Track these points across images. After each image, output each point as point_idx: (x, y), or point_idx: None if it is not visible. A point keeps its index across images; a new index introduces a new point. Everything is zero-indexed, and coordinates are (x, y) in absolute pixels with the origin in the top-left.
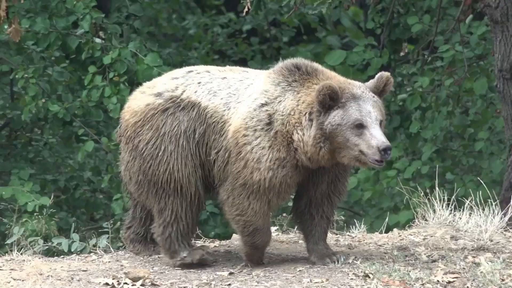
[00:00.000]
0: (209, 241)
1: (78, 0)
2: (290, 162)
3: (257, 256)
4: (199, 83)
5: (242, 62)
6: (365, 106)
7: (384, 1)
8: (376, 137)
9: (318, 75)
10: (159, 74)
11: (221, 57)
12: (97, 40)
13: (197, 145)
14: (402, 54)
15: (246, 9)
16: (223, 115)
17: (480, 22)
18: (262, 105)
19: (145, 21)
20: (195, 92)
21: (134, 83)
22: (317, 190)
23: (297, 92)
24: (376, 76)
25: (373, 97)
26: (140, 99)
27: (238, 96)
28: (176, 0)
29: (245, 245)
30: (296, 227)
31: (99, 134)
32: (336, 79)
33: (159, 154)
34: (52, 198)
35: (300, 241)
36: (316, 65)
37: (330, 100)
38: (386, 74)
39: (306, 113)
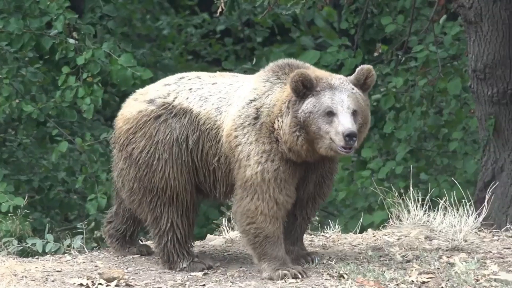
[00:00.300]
0: None
1: (51, 1)
2: (277, 155)
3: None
4: (190, 89)
5: (216, 63)
6: (340, 95)
7: (358, 2)
8: (342, 123)
9: (307, 68)
10: (133, 75)
11: (195, 58)
12: (71, 41)
13: (191, 152)
14: (376, 54)
15: (220, 10)
16: (216, 120)
17: (454, 23)
18: (251, 101)
19: (118, 21)
20: (187, 98)
21: (108, 84)
22: (304, 191)
23: (284, 83)
24: (357, 69)
25: (352, 89)
26: (133, 106)
27: (229, 99)
28: (150, 1)
29: (259, 259)
30: None
31: (73, 135)
32: (319, 71)
33: (154, 163)
34: (26, 198)
35: None
36: (307, 64)
37: (304, 87)
38: (367, 66)
39: (286, 101)
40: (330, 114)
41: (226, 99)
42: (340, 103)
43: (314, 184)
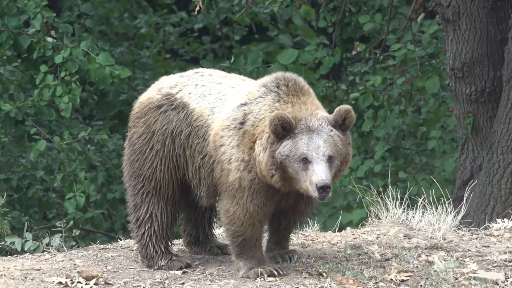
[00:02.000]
0: None
1: None
2: (254, 168)
3: (254, 269)
4: (196, 85)
5: (194, 61)
6: (316, 140)
7: (336, 0)
8: (317, 173)
9: (304, 95)
10: (111, 73)
11: (173, 56)
12: (49, 39)
13: (181, 146)
14: (354, 52)
15: (197, 8)
16: (207, 119)
17: (431, 21)
18: (241, 104)
19: (96, 20)
20: (189, 93)
21: (86, 82)
22: (286, 202)
23: (277, 99)
24: (336, 109)
25: (331, 131)
26: (148, 92)
27: (225, 100)
28: None
29: (236, 257)
30: None
31: (51, 133)
32: (306, 107)
33: (147, 151)
34: (4, 197)
35: None
36: (310, 90)
37: (283, 130)
38: (345, 107)
39: (267, 132)
40: (305, 161)
41: (222, 100)
42: (316, 149)
43: (296, 196)
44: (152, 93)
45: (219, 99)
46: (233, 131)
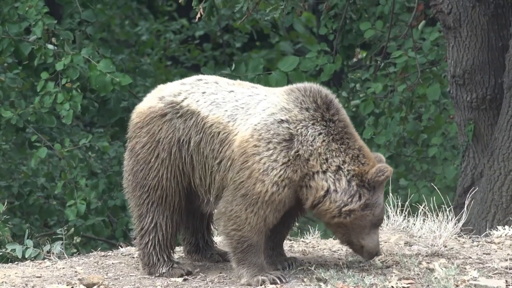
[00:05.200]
0: None
1: (30, 6)
2: (295, 186)
3: (256, 277)
4: (203, 92)
5: (195, 68)
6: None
7: (337, 7)
8: (376, 243)
9: (351, 137)
10: (112, 81)
11: (174, 63)
12: (50, 46)
13: (191, 153)
14: (355, 60)
15: (198, 15)
16: (227, 126)
17: (432, 28)
18: (282, 121)
19: (97, 27)
20: (197, 101)
21: (87, 89)
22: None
23: (326, 133)
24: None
25: None
26: (147, 101)
27: (248, 109)
28: (128, 6)
29: (238, 264)
30: None
31: (52, 140)
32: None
33: (152, 160)
34: (5, 204)
35: None
36: (337, 101)
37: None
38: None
39: (352, 178)
40: (376, 225)
41: (245, 109)
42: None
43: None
44: (153, 102)
45: (239, 107)
46: (275, 146)
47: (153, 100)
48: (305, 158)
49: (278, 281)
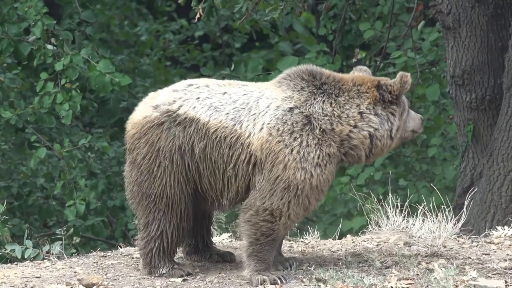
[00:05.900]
0: None
1: (29, 7)
2: (336, 159)
3: (259, 275)
4: (198, 98)
5: (195, 69)
6: None
7: (336, 7)
8: (417, 120)
9: (343, 81)
10: (111, 81)
11: (174, 64)
12: (49, 47)
13: (197, 160)
14: (354, 60)
15: (198, 16)
16: (234, 129)
17: (432, 28)
18: (291, 108)
19: (97, 27)
20: (194, 107)
21: (86, 90)
22: None
23: (335, 94)
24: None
25: None
26: (140, 111)
27: (250, 109)
28: (128, 7)
29: (249, 256)
30: None
31: (52, 141)
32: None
33: (155, 169)
34: (5, 204)
35: None
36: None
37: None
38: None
39: (375, 109)
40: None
41: (246, 109)
42: None
43: None
44: (147, 112)
45: (240, 109)
46: (299, 133)
47: (147, 109)
48: (330, 129)
49: (279, 282)
